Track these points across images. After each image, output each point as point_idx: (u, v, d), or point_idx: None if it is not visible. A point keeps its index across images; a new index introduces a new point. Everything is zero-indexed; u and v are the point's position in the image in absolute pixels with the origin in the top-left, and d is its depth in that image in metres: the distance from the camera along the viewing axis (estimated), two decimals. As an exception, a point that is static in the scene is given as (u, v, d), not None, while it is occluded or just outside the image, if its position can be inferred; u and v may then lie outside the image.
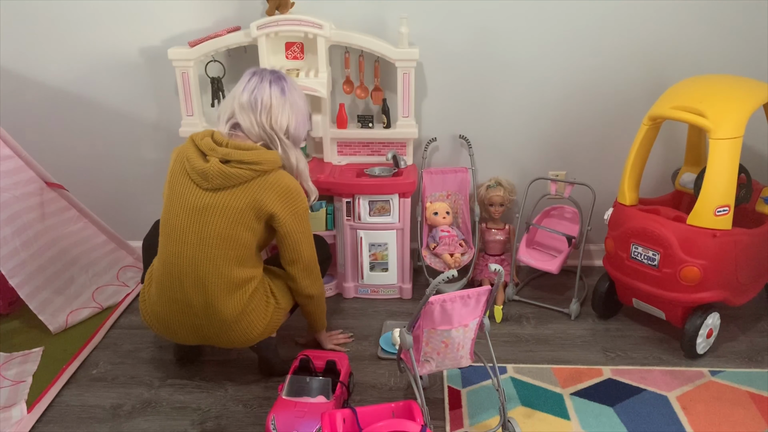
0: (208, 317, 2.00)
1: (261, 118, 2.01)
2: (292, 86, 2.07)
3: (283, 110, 2.03)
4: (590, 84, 2.68)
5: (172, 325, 2.05)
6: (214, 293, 1.96)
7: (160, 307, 2.04)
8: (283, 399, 1.98)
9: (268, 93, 2.01)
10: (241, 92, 2.02)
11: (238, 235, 1.95)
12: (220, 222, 1.94)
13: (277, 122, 2.02)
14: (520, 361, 2.30)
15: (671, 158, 2.74)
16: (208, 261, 1.95)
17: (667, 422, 2.00)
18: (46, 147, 2.79)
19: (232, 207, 1.93)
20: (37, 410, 2.05)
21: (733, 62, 2.58)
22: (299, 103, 2.08)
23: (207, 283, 1.96)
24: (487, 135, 2.78)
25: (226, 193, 1.94)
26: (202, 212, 1.95)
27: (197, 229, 1.95)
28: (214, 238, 1.94)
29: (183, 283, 1.98)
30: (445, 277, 1.69)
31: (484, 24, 2.60)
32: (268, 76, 2.04)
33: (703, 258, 2.13)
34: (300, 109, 2.08)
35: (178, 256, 1.97)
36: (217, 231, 1.94)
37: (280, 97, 2.02)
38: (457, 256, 2.65)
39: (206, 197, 1.94)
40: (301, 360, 2.12)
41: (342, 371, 2.10)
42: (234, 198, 1.94)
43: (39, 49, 2.68)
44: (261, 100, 2.00)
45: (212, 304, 1.97)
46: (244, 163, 1.92)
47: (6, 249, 2.34)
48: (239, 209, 1.94)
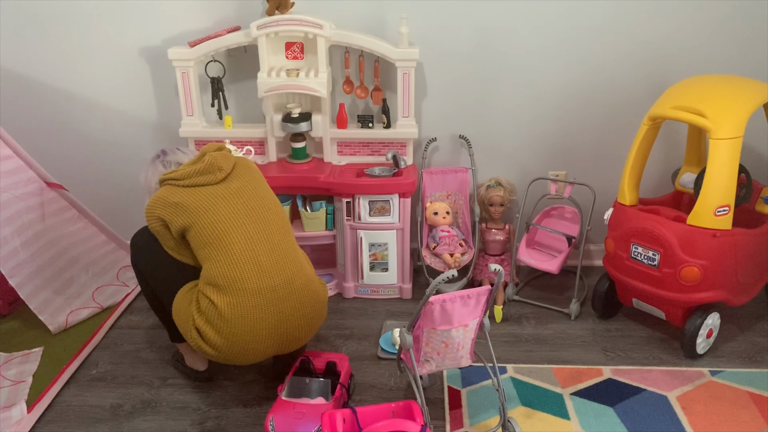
0: (294, 293, 1.96)
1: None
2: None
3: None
4: (590, 84, 2.68)
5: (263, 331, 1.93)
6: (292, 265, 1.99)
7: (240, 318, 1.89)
8: (283, 400, 1.98)
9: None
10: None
11: (271, 196, 2.07)
12: (255, 193, 2.02)
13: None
14: (520, 361, 2.30)
15: (671, 158, 2.74)
16: (279, 237, 2.00)
17: (667, 422, 2.00)
18: (46, 147, 2.79)
19: (247, 175, 2.04)
20: (37, 410, 2.05)
21: (733, 62, 2.58)
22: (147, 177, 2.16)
23: (285, 260, 1.97)
24: (487, 135, 2.78)
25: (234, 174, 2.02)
26: (235, 197, 1.98)
27: (255, 216, 1.97)
28: (262, 211, 2.00)
29: (263, 270, 1.91)
30: (445, 277, 1.69)
31: (484, 24, 2.60)
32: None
33: (703, 258, 2.13)
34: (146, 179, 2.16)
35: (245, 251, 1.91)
36: (258, 202, 2.00)
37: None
38: (457, 256, 2.65)
39: (225, 187, 1.99)
40: (301, 361, 2.12)
41: (342, 372, 2.10)
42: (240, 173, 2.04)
43: (39, 49, 2.68)
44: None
45: (295, 275, 1.98)
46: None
47: (6, 249, 2.35)
48: (254, 177, 2.05)
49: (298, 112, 2.56)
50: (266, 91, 2.46)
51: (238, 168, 2.05)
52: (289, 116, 2.57)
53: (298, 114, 2.56)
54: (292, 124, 2.55)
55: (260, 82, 2.46)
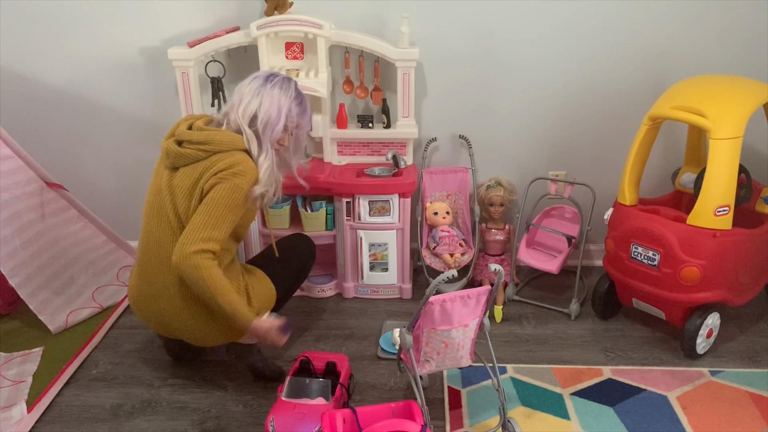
0: (169, 299, 1.99)
1: (237, 109, 2.00)
2: (280, 83, 2.02)
3: (254, 99, 1.99)
4: (590, 84, 2.68)
5: (147, 310, 2.08)
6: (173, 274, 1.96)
7: (138, 290, 2.08)
8: (283, 400, 1.98)
9: (246, 84, 2.02)
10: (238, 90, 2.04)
11: (188, 216, 1.93)
12: (172, 201, 1.95)
13: (243, 109, 1.99)
14: (520, 361, 2.30)
15: (671, 158, 2.74)
16: (168, 240, 1.96)
17: (667, 422, 2.00)
18: (46, 147, 2.79)
19: (182, 186, 1.94)
20: (37, 410, 2.05)
21: (733, 62, 2.58)
22: (279, 100, 2.00)
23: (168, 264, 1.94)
24: (487, 135, 2.78)
25: (178, 172, 1.96)
26: (161, 192, 1.98)
27: (158, 208, 1.99)
28: (170, 218, 1.96)
29: (151, 263, 2.01)
30: (445, 277, 1.69)
31: (484, 24, 2.60)
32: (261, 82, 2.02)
33: (703, 258, 2.13)
34: (277, 105, 1.99)
35: (147, 233, 2.03)
36: (172, 210, 1.96)
37: (256, 88, 2.00)
38: (457, 256, 2.65)
39: (167, 177, 1.98)
40: (301, 361, 2.12)
41: (342, 373, 2.10)
42: (184, 177, 1.94)
43: (39, 49, 2.68)
44: (240, 91, 2.02)
45: (173, 285, 1.97)
46: (192, 143, 1.94)
47: (6, 249, 2.35)
48: (187, 189, 1.93)
49: (298, 112, 2.56)
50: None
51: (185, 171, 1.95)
52: (289, 116, 2.56)
53: (298, 114, 2.56)
54: (292, 124, 2.55)
55: (260, 82, 2.46)
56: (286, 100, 2.03)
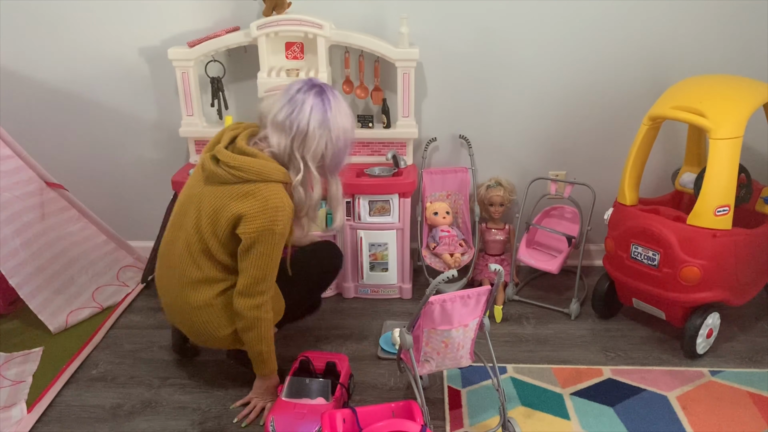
0: (180, 299, 2.00)
1: (293, 144, 1.88)
2: (336, 106, 1.90)
3: (321, 138, 1.88)
4: (590, 84, 2.68)
5: (162, 296, 2.11)
6: (183, 278, 1.97)
7: (159, 281, 2.12)
8: (283, 400, 1.98)
9: (306, 118, 1.85)
10: (279, 110, 1.88)
11: (204, 234, 1.91)
12: (194, 214, 1.94)
13: (310, 151, 1.88)
14: (520, 361, 2.30)
15: (671, 158, 2.74)
16: (184, 247, 1.96)
17: (667, 422, 2.00)
18: (46, 147, 2.79)
19: (208, 204, 1.91)
20: (37, 410, 2.05)
21: (733, 62, 2.58)
22: (341, 125, 1.90)
23: (178, 268, 1.97)
24: (487, 135, 2.78)
25: (209, 188, 1.92)
26: (191, 199, 1.97)
27: (186, 210, 1.98)
28: (188, 228, 1.95)
29: (167, 260, 2.05)
30: (445, 277, 1.69)
31: (484, 24, 2.60)
32: (311, 99, 1.87)
33: (703, 258, 2.13)
34: (341, 132, 1.91)
35: (168, 229, 2.06)
36: (191, 222, 1.95)
37: (319, 123, 1.86)
38: (457, 256, 2.65)
39: (199, 187, 1.96)
40: (301, 361, 2.12)
41: (342, 373, 2.10)
42: (212, 196, 1.90)
43: (39, 49, 2.68)
44: (298, 126, 1.86)
45: (182, 287, 1.98)
46: (228, 166, 1.86)
47: (6, 249, 2.34)
48: (212, 208, 1.90)
49: (298, 112, 2.56)
50: (266, 91, 2.46)
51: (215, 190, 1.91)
52: (289, 116, 2.56)
53: (298, 114, 2.56)
54: (292, 124, 2.55)
55: (260, 82, 2.46)
56: (346, 124, 1.93)
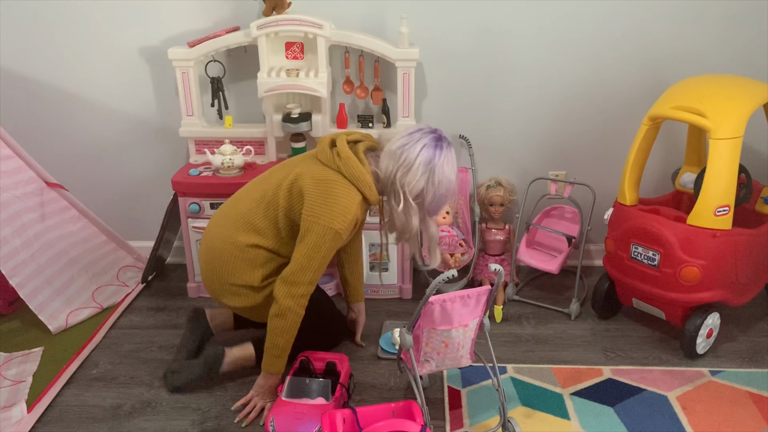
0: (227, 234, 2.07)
1: (397, 173, 1.94)
2: (447, 155, 1.96)
3: (423, 176, 1.94)
4: (590, 84, 2.68)
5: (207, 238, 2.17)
6: (242, 219, 2.05)
7: (212, 222, 2.18)
8: (283, 400, 1.98)
9: (416, 153, 1.93)
10: (396, 140, 1.96)
11: (282, 193, 1.99)
12: (284, 174, 2.03)
13: (410, 185, 1.94)
14: (520, 361, 2.30)
15: (671, 158, 2.74)
16: (260, 195, 2.05)
17: (667, 422, 2.00)
18: (46, 147, 2.79)
19: (299, 168, 2.00)
20: (37, 410, 2.05)
21: (733, 62, 2.58)
22: (446, 173, 1.96)
23: (244, 206, 2.07)
24: (487, 135, 2.78)
25: (307, 161, 2.04)
26: (285, 165, 2.10)
27: (270, 173, 2.11)
28: (272, 182, 2.03)
29: (232, 205, 2.13)
30: (445, 277, 1.69)
31: (484, 24, 2.60)
32: (426, 140, 1.95)
33: (703, 258, 2.13)
34: (444, 179, 1.96)
35: (244, 187, 2.18)
36: (277, 178, 2.03)
37: (426, 162, 1.93)
38: (457, 256, 2.65)
39: (300, 158, 2.11)
40: (301, 361, 2.12)
41: (342, 373, 2.10)
42: (305, 165, 2.02)
43: (39, 49, 2.68)
44: (406, 157, 1.93)
45: (237, 226, 2.05)
46: (336, 153, 1.97)
47: (6, 249, 2.34)
48: (297, 172, 1.99)
49: (298, 112, 2.56)
50: (266, 91, 2.46)
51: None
52: (289, 116, 2.57)
53: (298, 114, 2.56)
54: (292, 124, 2.55)
55: (260, 82, 2.46)
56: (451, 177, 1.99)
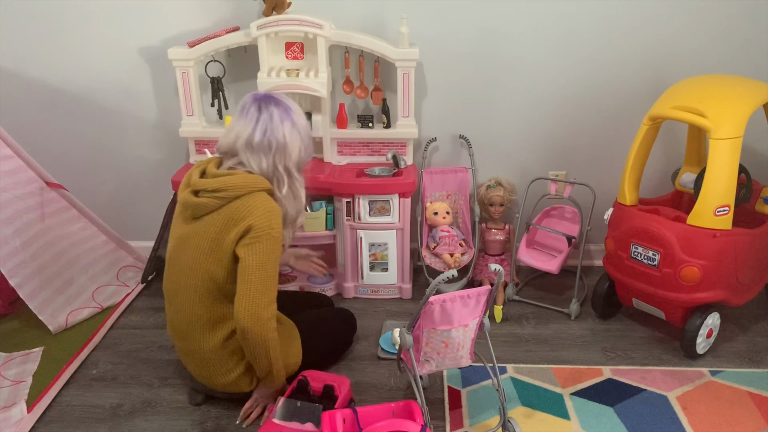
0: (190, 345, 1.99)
1: (274, 159, 1.90)
2: (296, 111, 1.93)
3: (296, 142, 1.91)
4: (590, 84, 2.68)
5: (176, 342, 2.07)
6: (191, 324, 1.95)
7: (170, 325, 2.07)
8: (271, 422, 1.90)
9: (281, 131, 1.88)
10: (251, 133, 1.87)
11: (207, 268, 1.87)
12: (191, 253, 1.89)
13: (291, 158, 1.91)
14: (520, 361, 2.30)
15: (671, 158, 2.74)
16: (184, 292, 1.94)
17: (667, 422, 2.00)
18: (46, 147, 2.79)
19: (203, 237, 1.87)
20: (37, 410, 2.05)
21: (733, 62, 2.58)
22: (303, 124, 1.95)
23: (185, 313, 1.96)
24: (487, 135, 2.78)
25: (196, 224, 1.89)
26: (182, 242, 1.93)
27: (177, 258, 1.95)
28: (187, 270, 1.91)
29: (174, 305, 2.01)
30: (445, 277, 1.69)
31: (484, 24, 2.60)
32: (276, 110, 1.89)
33: (703, 258, 2.13)
34: (306, 130, 1.96)
35: (167, 281, 2.03)
36: (188, 263, 1.90)
37: (291, 129, 1.90)
38: (457, 256, 2.65)
39: (186, 228, 1.93)
40: (299, 381, 2.04)
41: (339, 398, 1.98)
42: (208, 225, 1.86)
43: (39, 49, 2.68)
44: (276, 141, 1.88)
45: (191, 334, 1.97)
46: (208, 192, 1.85)
47: (6, 249, 2.34)
48: (211, 238, 1.85)
49: (298, 112, 2.56)
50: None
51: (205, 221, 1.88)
52: (289, 116, 2.56)
53: (298, 114, 2.56)
54: (292, 124, 2.55)
55: (260, 82, 2.46)
56: (305, 122, 1.98)
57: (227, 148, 1.92)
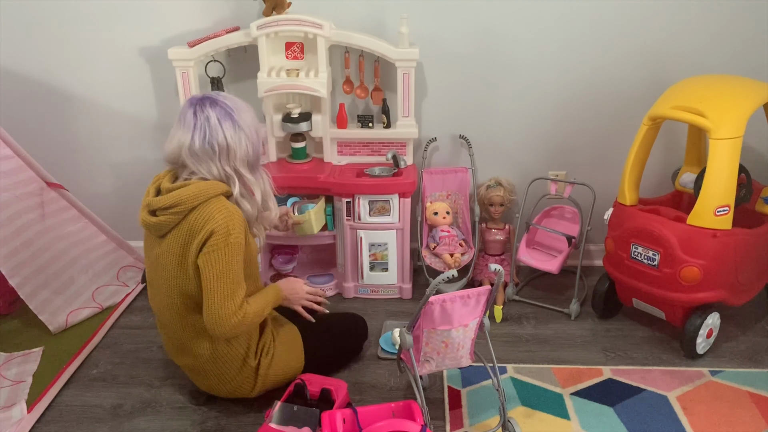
0: (186, 360, 2.02)
1: (221, 162, 1.84)
2: (237, 108, 1.86)
3: (240, 141, 1.84)
4: (590, 84, 2.68)
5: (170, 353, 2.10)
6: (180, 340, 1.98)
7: (162, 336, 2.09)
8: (268, 426, 1.89)
9: (221, 134, 1.81)
10: (190, 140, 1.81)
11: (178, 284, 1.86)
12: (161, 273, 1.89)
13: (237, 158, 1.85)
14: (520, 361, 2.30)
15: (671, 158, 2.74)
16: (167, 310, 1.94)
17: (667, 422, 2.00)
18: (46, 147, 2.79)
19: (169, 255, 1.85)
20: (37, 410, 2.05)
21: (733, 62, 2.58)
22: (249, 121, 1.87)
23: (172, 330, 1.98)
24: (487, 135, 2.78)
25: (166, 239, 1.86)
26: (154, 263, 1.92)
27: (154, 279, 1.95)
28: (164, 290, 1.91)
29: (160, 324, 2.05)
30: (445, 277, 1.69)
31: (484, 24, 2.60)
32: (212, 112, 1.82)
33: (703, 258, 2.13)
34: (251, 127, 1.88)
35: (151, 301, 2.03)
36: (162, 283, 1.90)
37: (233, 129, 1.83)
38: (457, 256, 2.65)
39: (156, 248, 1.90)
40: (296, 385, 2.03)
41: (336, 402, 1.97)
42: (172, 242, 1.84)
43: (39, 49, 2.68)
44: (218, 144, 1.81)
45: (183, 350, 2.00)
46: (164, 210, 1.82)
47: (6, 249, 2.34)
48: (176, 255, 1.83)
49: (298, 112, 2.56)
50: (266, 91, 2.46)
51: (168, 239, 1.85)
52: (289, 116, 2.56)
53: (298, 114, 2.56)
54: (292, 124, 2.55)
55: (260, 82, 2.46)
56: (251, 117, 1.91)
57: (174, 158, 1.87)
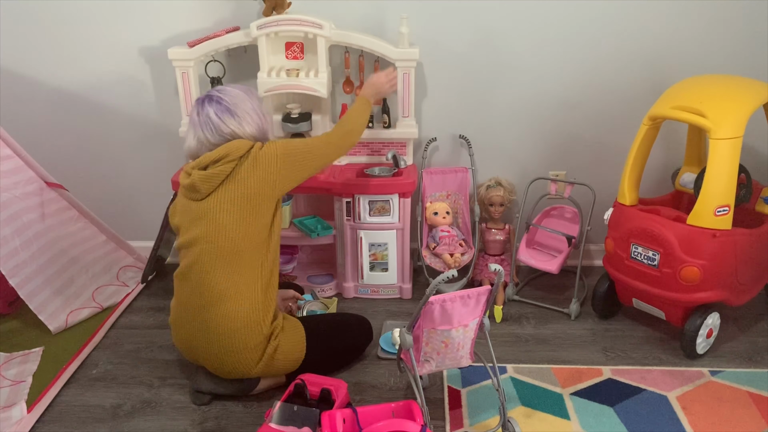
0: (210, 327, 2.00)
1: (253, 125, 2.06)
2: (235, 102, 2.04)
3: (243, 128, 2.04)
4: (590, 84, 2.68)
5: (194, 349, 2.08)
6: (211, 293, 1.98)
7: (184, 331, 2.09)
8: (268, 426, 1.89)
9: (224, 126, 2.02)
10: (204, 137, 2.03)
11: (248, 225, 1.98)
12: (222, 219, 1.97)
13: (248, 135, 2.05)
14: (520, 361, 2.30)
15: (671, 158, 2.74)
16: (217, 258, 1.98)
17: (667, 422, 2.00)
18: (46, 147, 2.79)
19: (227, 201, 1.97)
20: (37, 410, 2.05)
21: (733, 62, 2.58)
22: (249, 109, 2.07)
23: (208, 283, 1.99)
24: (487, 135, 2.78)
25: (211, 198, 1.99)
26: (202, 216, 1.99)
27: (200, 233, 1.99)
28: (221, 234, 1.97)
29: (194, 292, 2.02)
30: (445, 277, 1.69)
31: (484, 24, 2.60)
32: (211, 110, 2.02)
33: (702, 258, 2.13)
34: (253, 112, 2.07)
35: (183, 261, 2.06)
36: (221, 227, 1.97)
37: (236, 122, 2.03)
38: (457, 256, 2.65)
39: (202, 206, 2.00)
40: (296, 385, 2.03)
41: (336, 402, 1.97)
42: (219, 199, 1.98)
43: (39, 49, 2.68)
44: (227, 133, 2.02)
45: (210, 304, 1.99)
46: (216, 162, 1.97)
47: (6, 249, 2.34)
48: (238, 198, 1.97)
49: (298, 112, 2.56)
50: (266, 91, 2.46)
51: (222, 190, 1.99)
52: (289, 116, 2.57)
53: (298, 114, 2.56)
54: (292, 124, 2.55)
55: (260, 82, 2.46)
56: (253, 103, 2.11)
57: (195, 153, 2.06)
